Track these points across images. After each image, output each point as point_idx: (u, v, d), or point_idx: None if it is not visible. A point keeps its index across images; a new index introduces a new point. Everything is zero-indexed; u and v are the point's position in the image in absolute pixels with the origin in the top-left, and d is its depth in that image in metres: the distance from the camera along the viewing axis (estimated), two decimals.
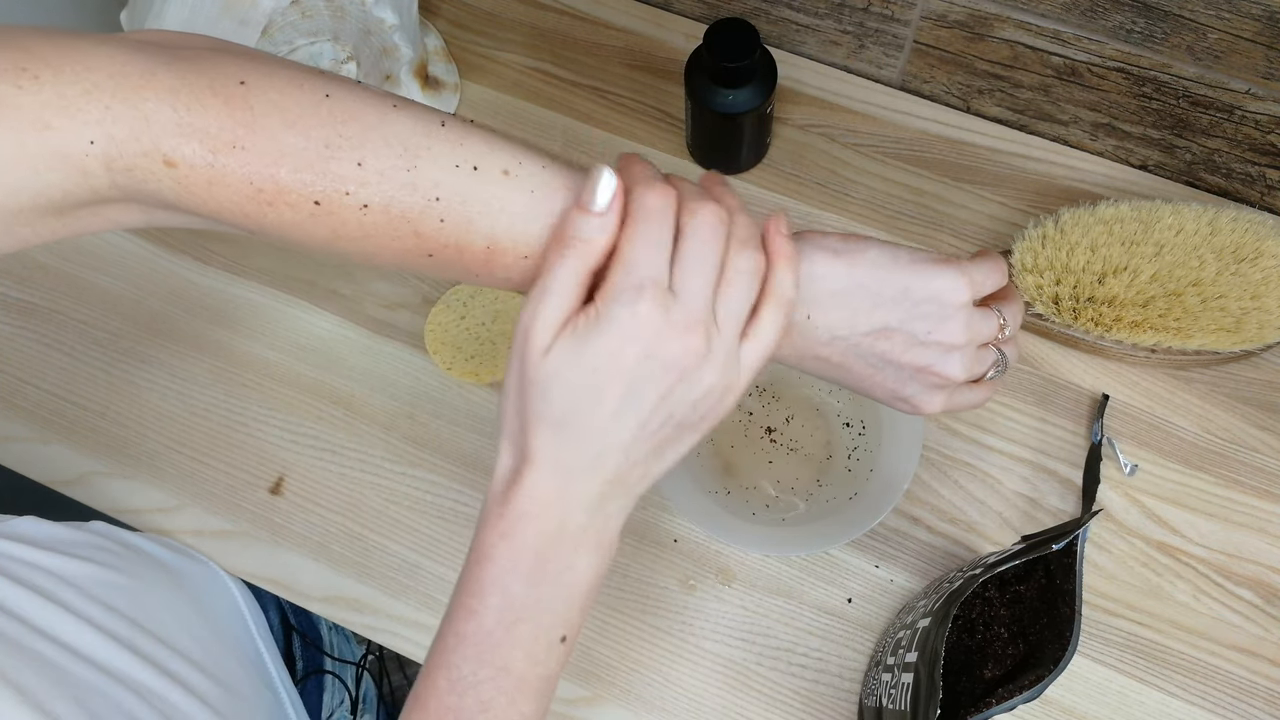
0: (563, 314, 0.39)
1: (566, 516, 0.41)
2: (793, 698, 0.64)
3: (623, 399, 0.39)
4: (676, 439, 0.41)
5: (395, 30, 0.72)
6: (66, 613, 0.51)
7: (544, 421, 0.39)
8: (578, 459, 0.40)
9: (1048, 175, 0.76)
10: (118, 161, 0.36)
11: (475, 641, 0.41)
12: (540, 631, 0.41)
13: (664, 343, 0.38)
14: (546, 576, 0.41)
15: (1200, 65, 0.66)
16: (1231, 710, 0.62)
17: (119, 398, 0.72)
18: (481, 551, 0.42)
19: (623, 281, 0.38)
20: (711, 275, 0.39)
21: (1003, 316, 0.48)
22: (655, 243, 0.38)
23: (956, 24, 0.71)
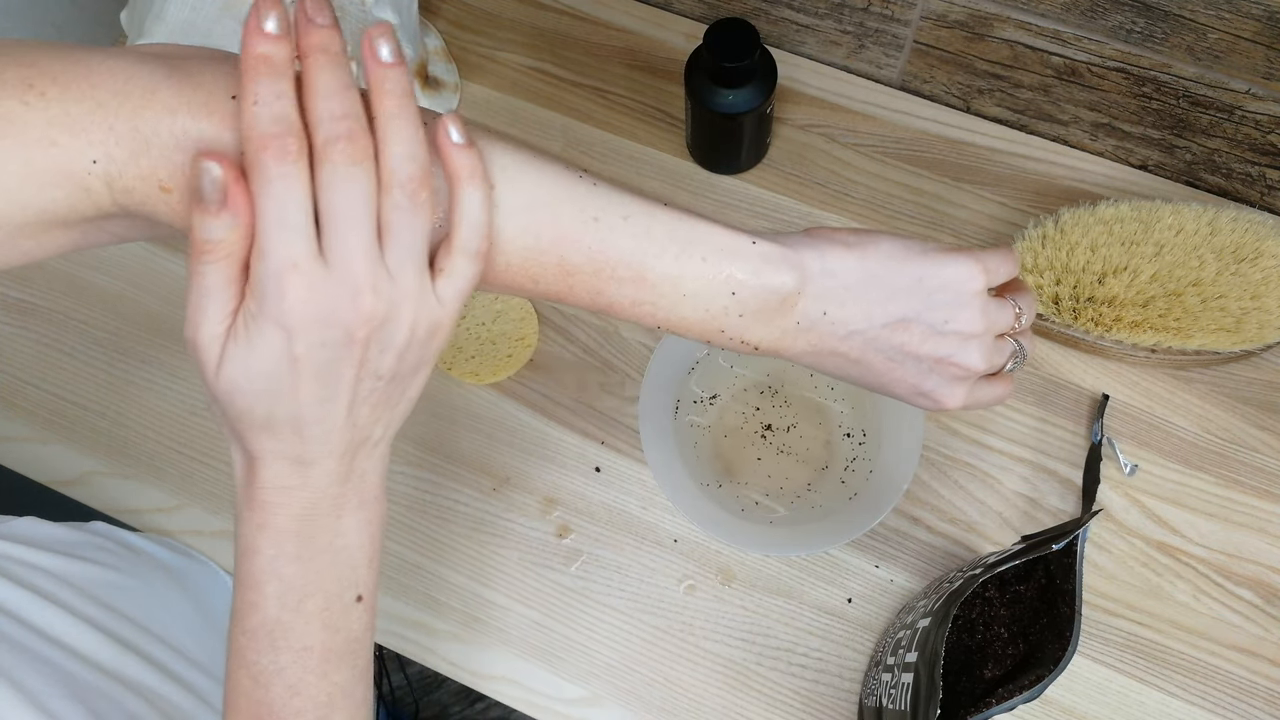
0: (223, 323, 0.36)
1: (314, 493, 0.40)
2: (793, 698, 0.64)
3: (317, 384, 0.37)
4: (400, 388, 0.40)
5: (395, 30, 0.72)
6: (67, 614, 0.51)
7: (250, 427, 0.38)
8: (300, 447, 0.39)
9: (1048, 175, 0.76)
10: (118, 181, 0.36)
11: (265, 632, 0.40)
12: (330, 600, 0.41)
13: (333, 321, 0.35)
14: (317, 549, 0.40)
15: (1200, 65, 0.66)
16: (1231, 710, 0.62)
17: (119, 398, 0.72)
18: (245, 545, 0.40)
19: (263, 272, 0.35)
20: (364, 229, 0.35)
21: (1018, 305, 0.48)
22: (282, 220, 0.34)
23: (956, 24, 0.71)
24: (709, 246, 0.42)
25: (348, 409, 0.38)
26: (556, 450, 0.70)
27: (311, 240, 0.35)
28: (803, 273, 0.43)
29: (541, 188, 0.40)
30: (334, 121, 0.34)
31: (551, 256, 0.40)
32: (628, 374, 0.71)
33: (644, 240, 0.41)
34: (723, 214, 0.75)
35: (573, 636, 0.65)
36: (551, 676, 0.65)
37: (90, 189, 0.36)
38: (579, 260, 0.40)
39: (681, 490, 0.64)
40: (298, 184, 0.34)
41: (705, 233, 0.42)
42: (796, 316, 0.43)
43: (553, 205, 0.40)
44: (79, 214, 0.37)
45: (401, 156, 0.36)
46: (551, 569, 0.67)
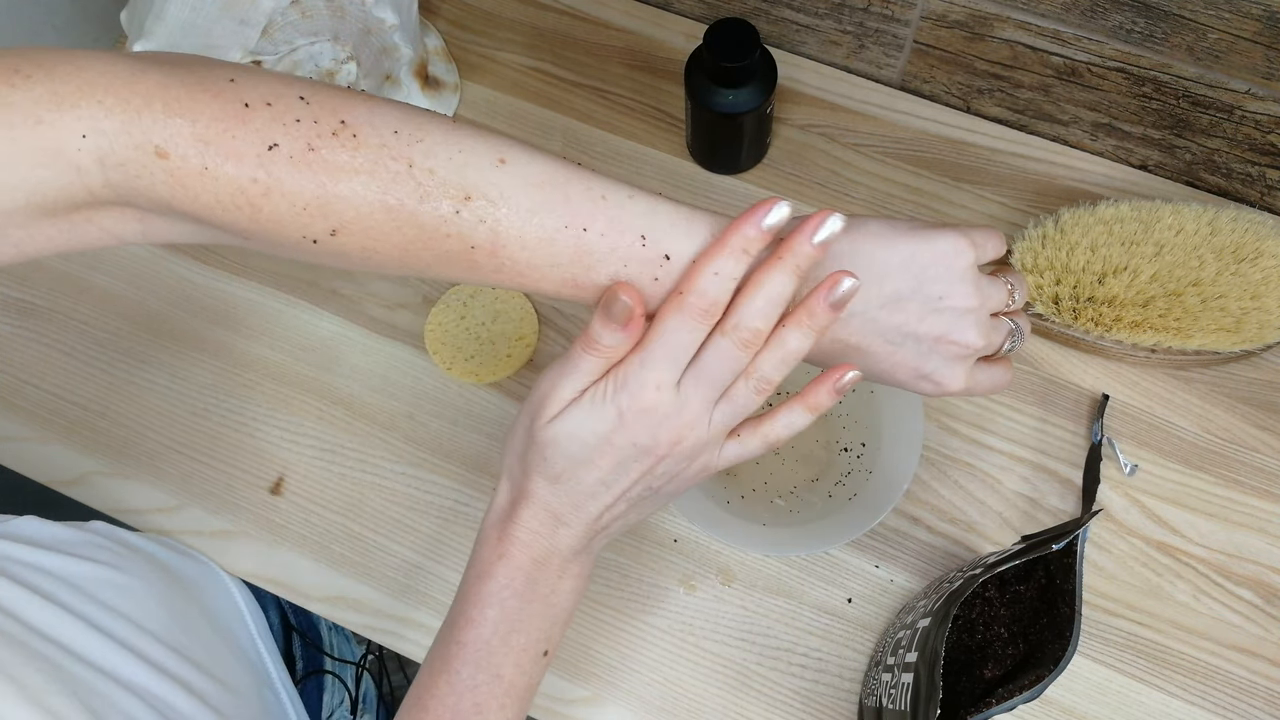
0: (575, 391, 0.43)
1: (554, 548, 0.46)
2: (793, 698, 0.64)
3: (610, 471, 0.44)
4: (653, 500, 0.47)
5: (395, 30, 0.72)
6: (67, 614, 0.51)
7: (541, 474, 0.45)
8: (567, 507, 0.45)
9: (1048, 175, 0.76)
10: (110, 156, 0.36)
11: (474, 649, 0.45)
12: (530, 643, 0.46)
13: (655, 435, 0.43)
14: (537, 595, 0.46)
15: (1200, 65, 0.66)
16: (1231, 710, 0.62)
17: (119, 398, 0.72)
18: (481, 568, 0.46)
19: (634, 375, 0.42)
20: (718, 391, 0.43)
21: (1010, 282, 0.48)
22: (675, 354, 0.42)
23: (956, 24, 0.71)
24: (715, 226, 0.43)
25: (615, 498, 0.45)
26: None
27: (680, 373, 0.42)
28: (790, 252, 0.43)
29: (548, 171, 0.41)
30: (754, 318, 0.42)
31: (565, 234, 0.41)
32: None
33: (653, 218, 0.42)
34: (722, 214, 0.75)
35: (573, 636, 0.65)
36: (551, 676, 0.65)
37: (81, 168, 0.36)
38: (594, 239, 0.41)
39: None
40: (696, 338, 0.42)
41: (703, 217, 0.43)
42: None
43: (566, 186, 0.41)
44: (69, 198, 0.37)
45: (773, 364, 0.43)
46: None
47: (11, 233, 0.37)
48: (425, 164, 0.39)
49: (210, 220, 0.39)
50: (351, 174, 0.38)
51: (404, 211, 0.39)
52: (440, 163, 0.39)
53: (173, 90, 0.37)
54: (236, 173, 0.37)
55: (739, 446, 0.46)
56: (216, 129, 0.37)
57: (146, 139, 0.36)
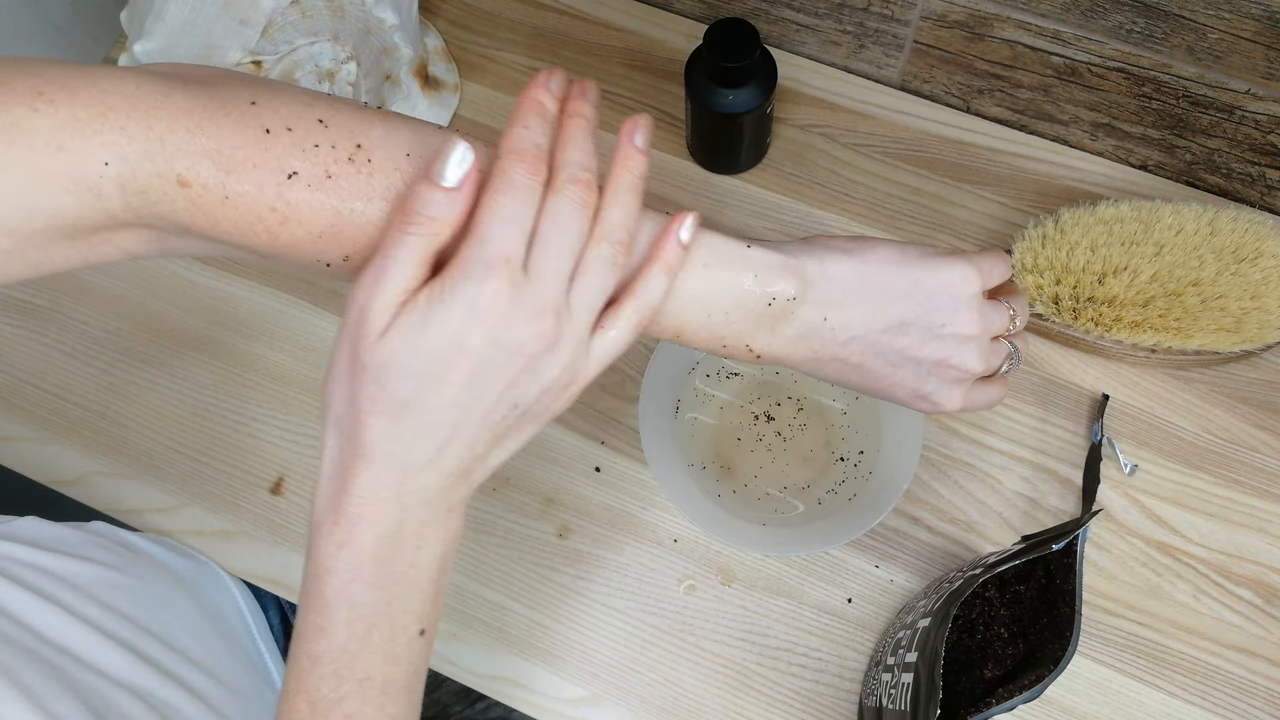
0: (402, 294, 0.37)
1: (405, 515, 0.39)
2: (793, 698, 0.64)
3: (466, 386, 0.37)
4: (518, 429, 0.40)
5: (395, 30, 0.72)
6: (68, 615, 0.51)
7: (379, 410, 0.37)
8: (417, 452, 0.38)
9: (1048, 175, 0.76)
10: (132, 183, 0.36)
11: (330, 660, 0.39)
12: (396, 632, 0.40)
13: (512, 326, 0.37)
14: (392, 578, 0.39)
15: (1200, 65, 0.66)
16: (1231, 710, 0.62)
17: (119, 398, 0.72)
18: (319, 564, 0.39)
19: (474, 256, 0.36)
20: (567, 260, 0.38)
21: (1012, 308, 0.48)
22: (513, 218, 0.37)
23: (956, 24, 0.71)
24: (710, 252, 0.42)
25: (477, 424, 0.39)
26: (556, 450, 0.70)
27: (525, 246, 0.37)
28: (802, 279, 0.43)
29: None
30: (577, 168, 0.39)
31: None
32: (628, 374, 0.71)
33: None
34: (723, 214, 0.75)
35: (573, 636, 0.65)
36: (551, 676, 0.65)
37: (102, 193, 0.36)
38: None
39: (681, 490, 0.64)
40: (534, 198, 0.38)
41: (706, 239, 0.43)
42: (798, 323, 0.44)
43: None
44: (89, 222, 0.37)
45: (618, 221, 0.39)
46: (551, 569, 0.67)
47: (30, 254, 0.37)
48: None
49: (227, 243, 0.39)
50: (366, 200, 0.38)
51: None
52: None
53: (195, 116, 0.36)
54: (256, 201, 0.37)
55: (605, 340, 0.40)
56: (238, 157, 0.37)
57: (169, 167, 0.36)
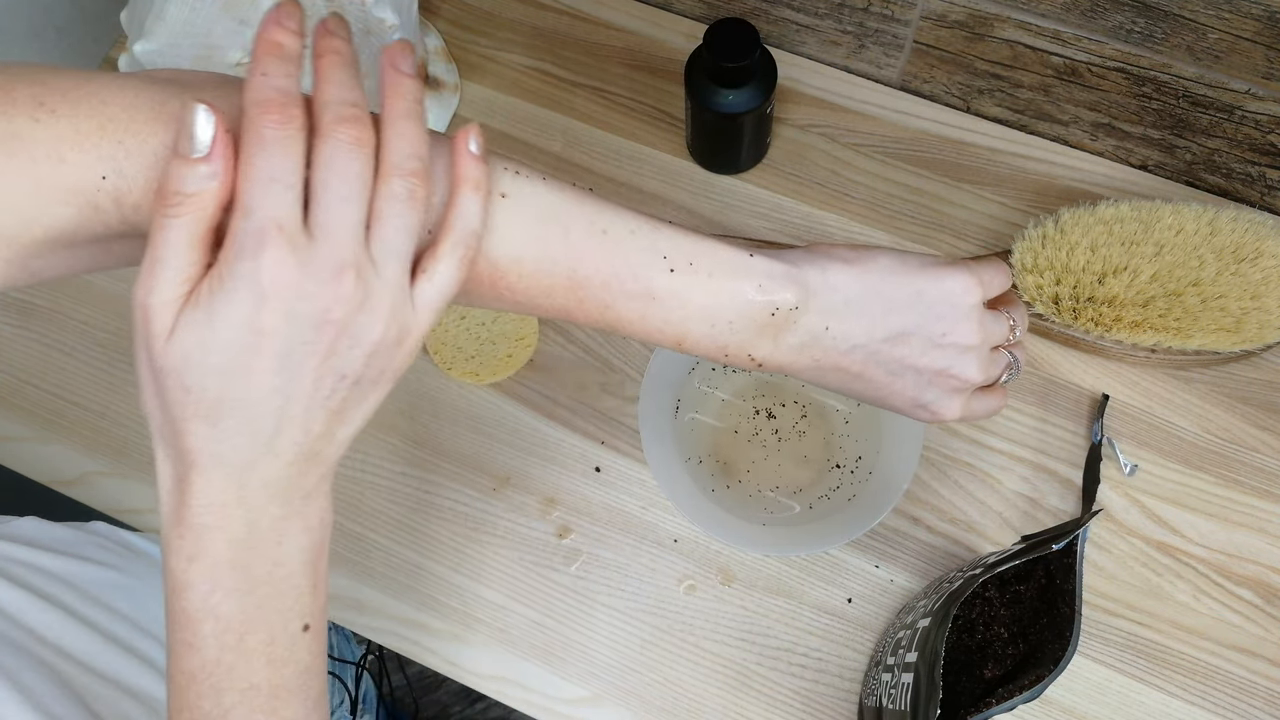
0: (181, 286, 0.33)
1: (254, 514, 0.36)
2: (793, 698, 0.64)
3: (278, 370, 0.34)
4: (357, 398, 0.37)
5: (395, 30, 0.72)
6: (68, 617, 0.51)
7: (193, 415, 0.34)
8: (246, 448, 0.35)
9: (1048, 175, 0.76)
10: (128, 198, 0.36)
11: (206, 675, 0.37)
12: (275, 634, 0.37)
13: (308, 294, 0.33)
14: (256, 581, 0.37)
15: (1200, 65, 0.66)
16: (1231, 710, 0.62)
17: (119, 398, 0.72)
18: (176, 581, 0.36)
19: (242, 229, 0.33)
20: (355, 208, 0.34)
21: (1012, 318, 0.49)
22: (274, 177, 0.33)
23: (956, 24, 0.71)
24: (714, 262, 0.42)
25: (304, 406, 0.35)
26: (556, 450, 0.70)
27: (299, 206, 0.33)
28: (805, 288, 0.43)
29: (552, 202, 0.40)
30: (342, 106, 0.34)
31: (562, 268, 0.40)
32: (628, 374, 0.71)
33: (650, 254, 0.41)
34: (723, 214, 0.75)
35: (573, 636, 0.65)
36: (551, 676, 0.65)
37: (100, 206, 0.36)
38: (588, 272, 0.41)
39: (681, 490, 0.64)
40: (295, 149, 0.33)
41: (709, 248, 0.43)
42: (800, 332, 0.44)
43: (563, 218, 0.40)
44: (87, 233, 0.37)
45: (405, 151, 0.35)
46: (551, 569, 0.67)
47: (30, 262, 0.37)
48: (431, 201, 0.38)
49: None
50: None
51: None
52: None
53: None
54: None
55: (430, 284, 0.37)
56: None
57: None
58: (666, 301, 0.42)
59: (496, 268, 0.40)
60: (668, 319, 0.42)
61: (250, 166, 0.33)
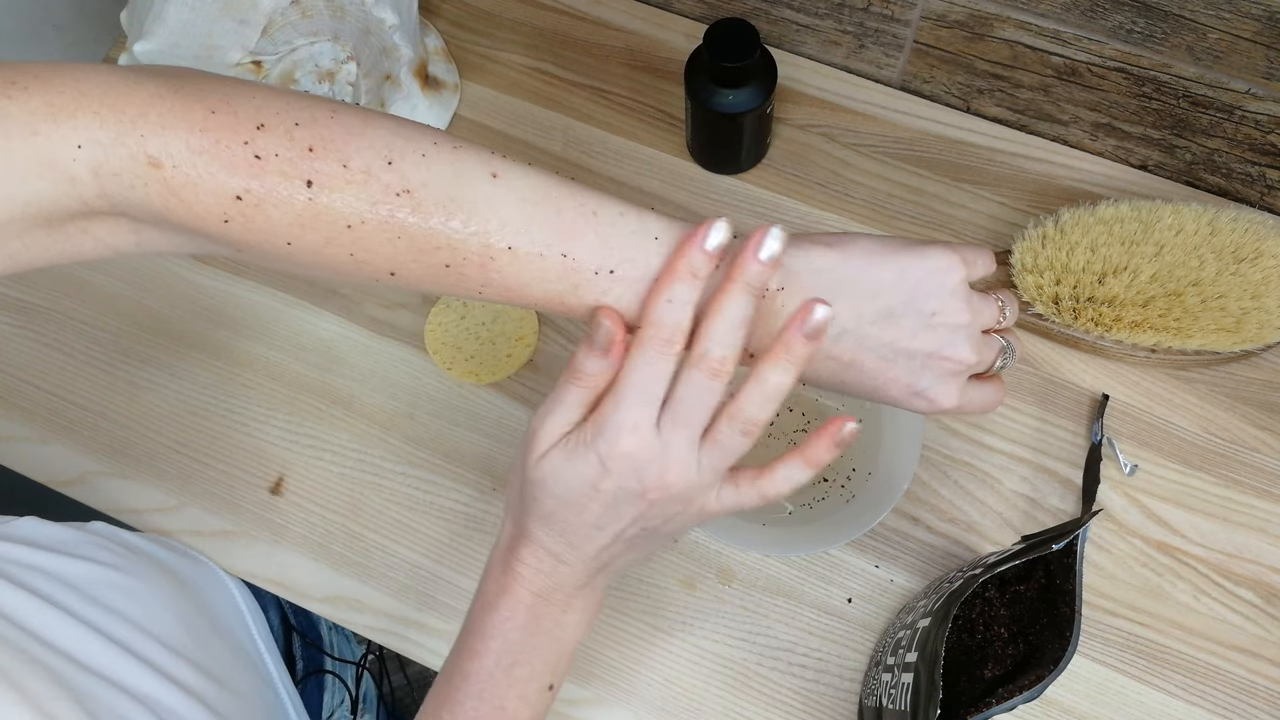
0: (563, 429, 0.43)
1: (557, 584, 0.46)
2: (793, 698, 0.64)
3: (602, 515, 0.43)
4: (652, 538, 0.46)
5: (395, 30, 0.72)
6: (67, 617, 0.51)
7: (535, 514, 0.44)
8: (563, 547, 0.45)
9: (1048, 175, 0.76)
10: (104, 166, 0.36)
11: (478, 679, 0.46)
12: (533, 676, 0.46)
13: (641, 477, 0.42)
14: (540, 629, 0.46)
15: (1200, 65, 0.66)
16: (1231, 710, 0.62)
17: (119, 398, 0.72)
18: (486, 600, 0.46)
19: (611, 419, 0.41)
20: (697, 428, 0.42)
21: (1000, 300, 0.48)
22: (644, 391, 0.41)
23: (956, 24, 0.71)
24: None
25: (610, 541, 0.45)
26: None
27: (656, 412, 0.41)
28: (785, 270, 0.43)
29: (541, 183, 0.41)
30: (717, 345, 0.41)
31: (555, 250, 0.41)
32: None
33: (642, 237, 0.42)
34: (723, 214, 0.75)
35: None
36: None
37: (76, 178, 0.36)
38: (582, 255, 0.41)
39: None
40: (666, 370, 0.41)
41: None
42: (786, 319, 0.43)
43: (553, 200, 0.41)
44: (64, 209, 0.37)
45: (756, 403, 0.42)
46: None
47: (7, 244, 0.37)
48: (418, 177, 0.39)
49: (203, 232, 0.39)
50: (344, 186, 0.38)
51: (395, 224, 0.39)
52: (433, 176, 0.40)
53: (167, 101, 0.37)
54: (229, 185, 0.38)
55: (735, 494, 0.45)
56: (209, 141, 0.37)
57: (140, 149, 0.36)
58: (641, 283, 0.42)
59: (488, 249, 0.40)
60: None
61: (633, 373, 0.41)
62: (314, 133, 0.38)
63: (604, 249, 0.41)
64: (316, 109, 0.39)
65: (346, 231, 0.39)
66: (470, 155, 0.41)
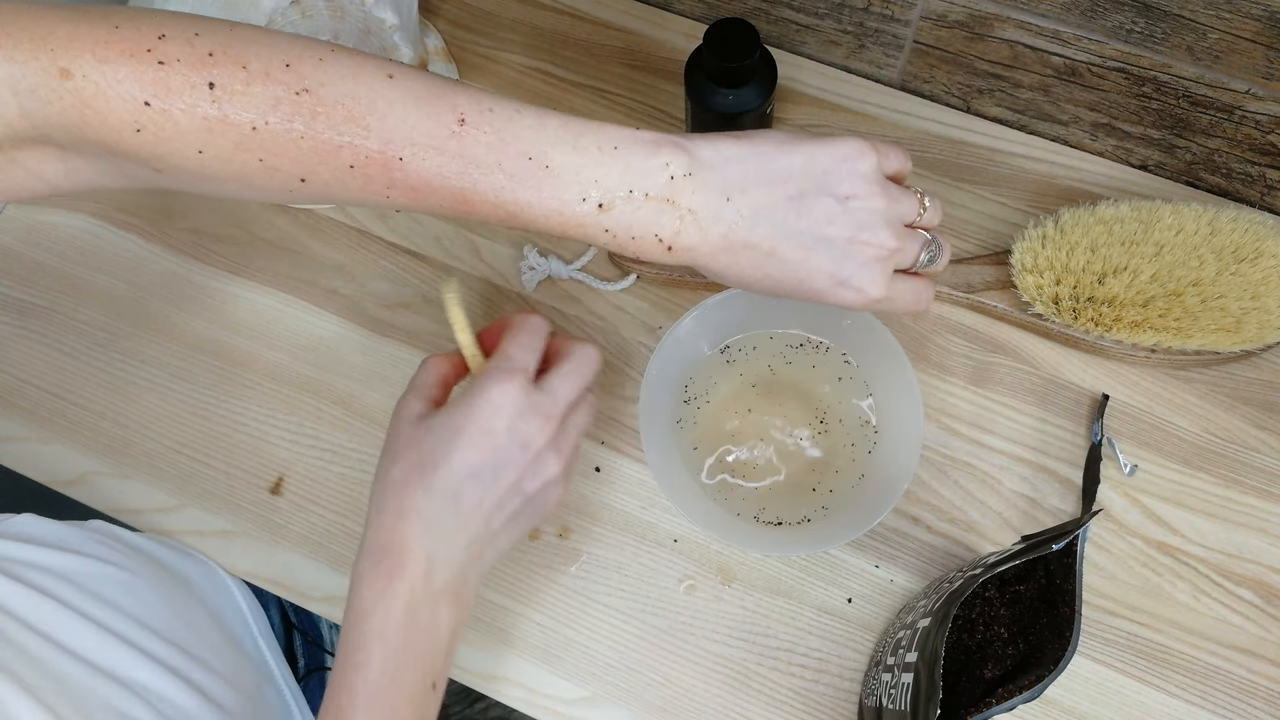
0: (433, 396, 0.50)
1: (432, 573, 0.46)
2: (793, 698, 0.64)
3: (488, 464, 0.46)
4: (517, 521, 0.49)
5: (395, 30, 0.72)
6: (66, 610, 0.51)
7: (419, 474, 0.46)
8: (447, 517, 0.46)
9: (1048, 175, 0.76)
10: (21, 83, 0.38)
11: (365, 693, 0.45)
12: (418, 678, 0.47)
13: (525, 421, 0.46)
14: (418, 627, 0.46)
15: (1200, 65, 0.66)
16: (1231, 710, 0.62)
17: (119, 398, 0.72)
18: (361, 609, 0.46)
19: (498, 366, 0.48)
20: (575, 392, 0.48)
21: (920, 193, 0.49)
22: (529, 346, 0.49)
23: (956, 24, 0.71)
24: (602, 136, 0.44)
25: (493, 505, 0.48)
26: None
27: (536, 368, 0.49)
28: (693, 156, 0.44)
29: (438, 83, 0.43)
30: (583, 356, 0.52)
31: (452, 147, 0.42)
32: (628, 374, 0.71)
33: (540, 132, 0.43)
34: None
35: (573, 636, 0.65)
36: (552, 676, 0.65)
37: None
38: (480, 152, 0.42)
39: (681, 490, 0.64)
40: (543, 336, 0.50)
41: (596, 126, 0.44)
42: (700, 204, 0.44)
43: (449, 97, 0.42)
44: None
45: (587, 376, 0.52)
46: (551, 569, 0.67)
47: None
48: (316, 77, 0.41)
49: (119, 148, 0.40)
50: (244, 87, 0.40)
51: (298, 124, 0.41)
52: (330, 77, 0.41)
53: (74, 20, 0.39)
54: (136, 92, 0.39)
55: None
56: (114, 51, 0.39)
57: (52, 62, 0.38)
58: (562, 177, 0.43)
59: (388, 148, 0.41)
60: (563, 197, 0.43)
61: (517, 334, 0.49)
62: (213, 40, 0.40)
63: (500, 145, 0.42)
64: (216, 24, 0.41)
65: (252, 135, 0.40)
66: (367, 59, 0.42)
